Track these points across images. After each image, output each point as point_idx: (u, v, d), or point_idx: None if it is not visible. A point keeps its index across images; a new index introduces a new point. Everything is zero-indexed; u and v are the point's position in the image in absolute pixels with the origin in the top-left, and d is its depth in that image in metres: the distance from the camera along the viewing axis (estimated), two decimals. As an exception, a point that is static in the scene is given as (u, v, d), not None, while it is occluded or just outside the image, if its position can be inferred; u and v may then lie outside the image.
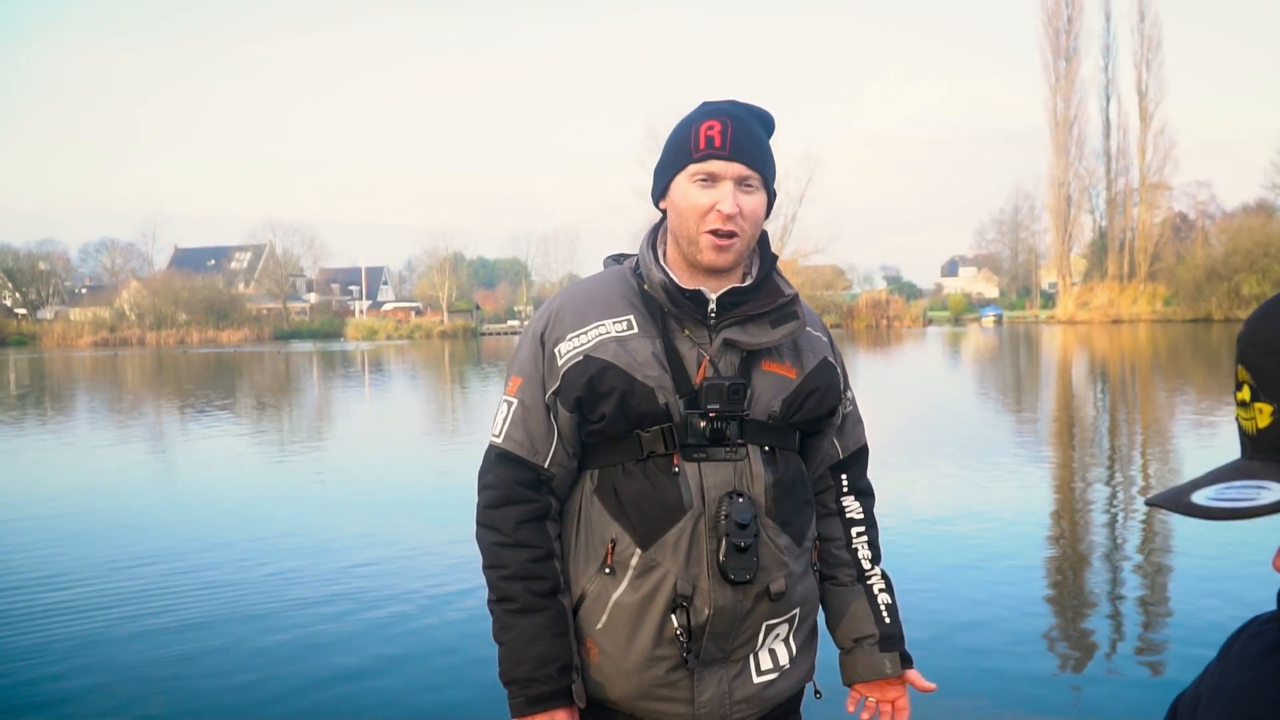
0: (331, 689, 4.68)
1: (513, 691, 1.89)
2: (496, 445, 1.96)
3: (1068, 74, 74.58)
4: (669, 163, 1.92)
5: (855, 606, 2.09)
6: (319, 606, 5.95)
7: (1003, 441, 13.15)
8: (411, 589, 6.20)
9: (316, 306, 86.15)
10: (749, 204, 1.87)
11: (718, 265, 1.88)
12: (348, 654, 5.14)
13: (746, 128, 1.89)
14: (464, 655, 5.00)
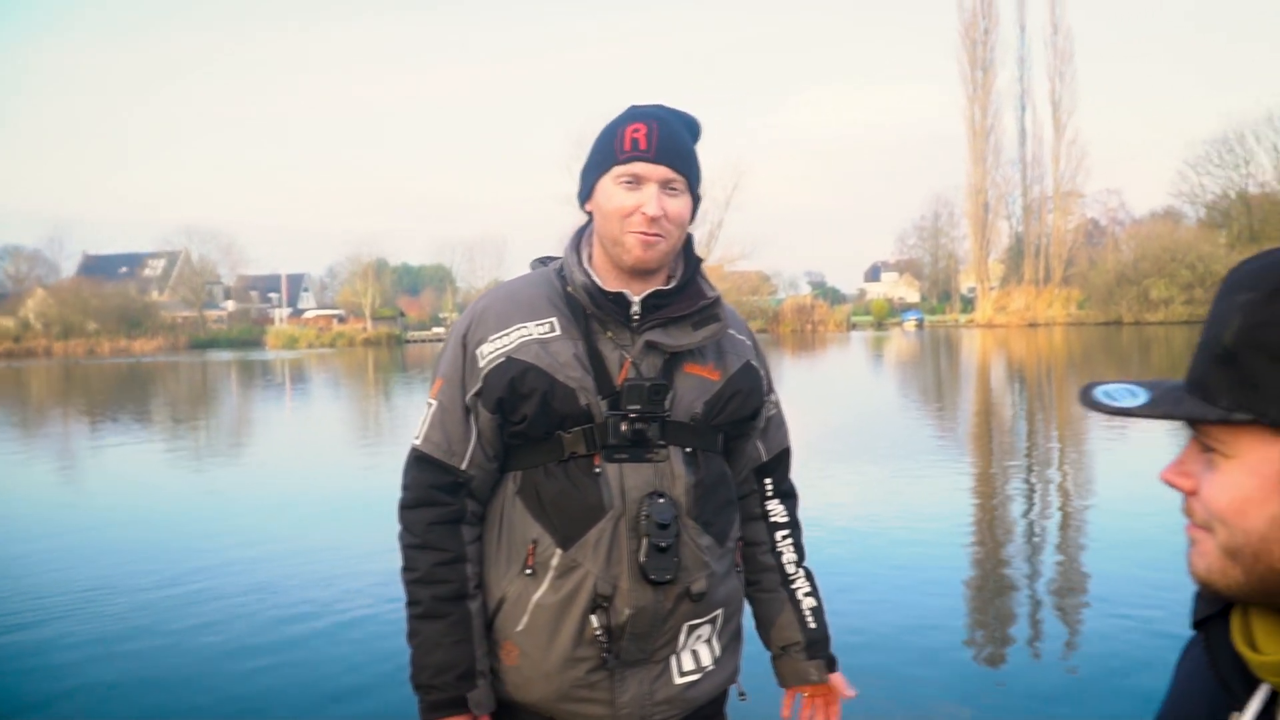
0: (257, 699, 4.57)
1: (418, 696, 1.90)
2: (416, 447, 1.95)
3: (984, 84, 76.30)
4: (594, 165, 1.92)
5: (780, 613, 2.11)
6: (236, 620, 5.81)
7: (925, 443, 13.36)
8: (329, 597, 6.11)
9: (235, 314, 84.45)
10: (674, 206, 1.88)
11: (644, 263, 1.88)
12: (267, 660, 5.02)
13: (672, 131, 1.89)
14: (396, 661, 4.93)
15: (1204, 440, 0.84)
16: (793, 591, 2.11)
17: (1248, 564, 0.81)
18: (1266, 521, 0.79)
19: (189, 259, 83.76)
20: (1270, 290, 0.78)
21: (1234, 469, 0.81)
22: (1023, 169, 78.40)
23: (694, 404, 1.92)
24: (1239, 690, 0.87)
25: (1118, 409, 0.85)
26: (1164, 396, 0.85)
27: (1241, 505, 0.81)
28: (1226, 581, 0.83)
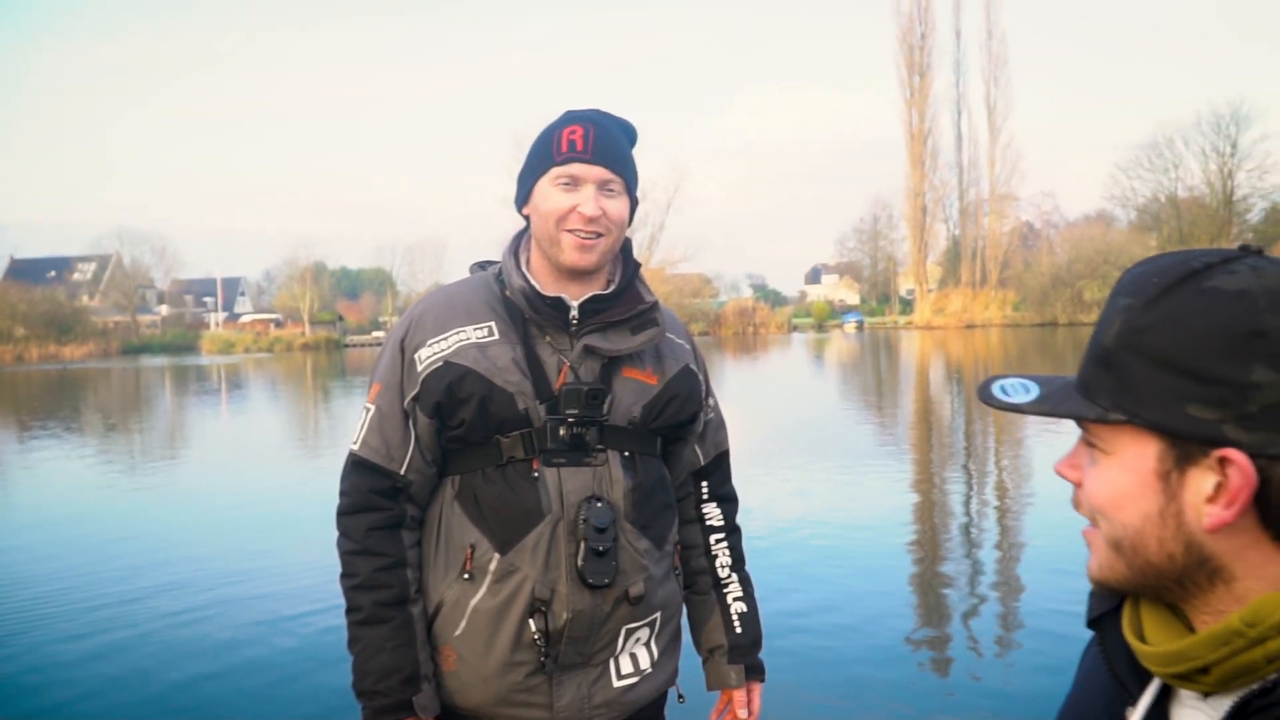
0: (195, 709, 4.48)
1: (362, 703, 1.89)
2: (354, 453, 1.94)
3: (921, 89, 77.46)
4: (532, 168, 1.92)
5: (709, 617, 2.12)
6: (181, 628, 5.69)
7: (866, 443, 13.50)
8: (268, 607, 6.00)
9: (169, 319, 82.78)
10: (612, 207, 1.88)
11: (580, 265, 1.88)
12: (209, 667, 4.93)
13: (609, 134, 1.90)
14: (337, 671, 4.86)
15: (1087, 437, 0.87)
16: (724, 595, 2.12)
17: (1128, 557, 0.85)
18: (1141, 516, 0.83)
19: (120, 262, 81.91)
20: (1149, 297, 0.81)
21: (1112, 465, 0.84)
22: (959, 172, 79.83)
23: (632, 408, 1.93)
24: (1132, 686, 0.90)
25: (1009, 405, 0.89)
26: (1053, 394, 0.88)
27: (1118, 500, 0.84)
28: (1115, 576, 0.87)
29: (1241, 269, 0.79)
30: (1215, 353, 0.76)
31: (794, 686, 4.59)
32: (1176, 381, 0.78)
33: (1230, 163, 73.23)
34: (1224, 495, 0.77)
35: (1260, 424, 0.75)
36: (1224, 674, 0.80)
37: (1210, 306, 0.78)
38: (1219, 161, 73.34)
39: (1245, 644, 0.79)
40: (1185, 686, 0.85)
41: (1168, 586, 0.84)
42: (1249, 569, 0.80)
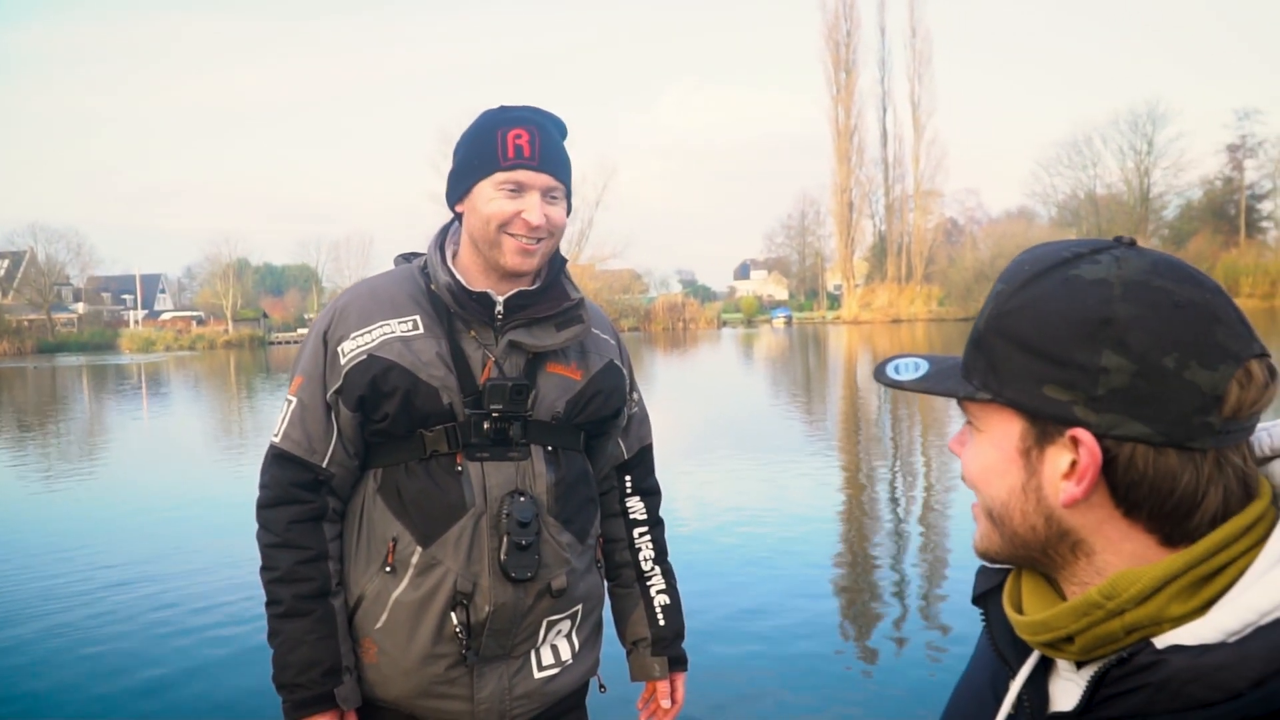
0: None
1: (282, 696, 1.88)
2: (275, 445, 1.93)
3: (847, 85, 78.54)
4: (473, 168, 1.90)
5: (633, 609, 2.15)
6: (99, 627, 5.56)
7: (794, 437, 13.66)
8: (193, 608, 5.91)
9: (85, 317, 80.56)
10: (554, 214, 1.90)
11: (522, 269, 1.89)
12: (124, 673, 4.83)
13: (551, 138, 1.90)
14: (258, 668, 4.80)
15: (966, 413, 0.92)
16: (647, 588, 2.15)
17: (1000, 527, 0.90)
18: (1006, 490, 0.87)
19: (35, 259, 79.33)
20: (1019, 283, 0.86)
21: (983, 441, 0.89)
22: (885, 169, 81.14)
23: (556, 403, 1.94)
24: (1012, 659, 0.95)
25: (897, 382, 0.93)
26: (937, 373, 0.93)
27: (987, 474, 0.89)
28: (993, 546, 0.92)
29: (1105, 259, 0.83)
30: (1069, 338, 0.81)
31: (728, 675, 4.64)
32: (1034, 363, 0.83)
33: (1146, 160, 75.43)
34: (1076, 473, 0.82)
35: (1107, 406, 0.80)
36: (1086, 643, 0.84)
37: (1069, 294, 0.82)
38: (1136, 159, 75.51)
39: (1104, 615, 0.83)
40: (1054, 655, 0.89)
41: (1036, 558, 0.89)
42: (1106, 543, 0.84)
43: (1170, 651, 0.78)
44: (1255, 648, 0.74)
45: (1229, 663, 0.75)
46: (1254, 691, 0.73)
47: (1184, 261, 0.84)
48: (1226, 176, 76.32)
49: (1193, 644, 0.77)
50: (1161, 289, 0.80)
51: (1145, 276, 0.81)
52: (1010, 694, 0.94)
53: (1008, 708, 0.93)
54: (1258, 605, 0.76)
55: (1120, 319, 0.79)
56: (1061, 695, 0.90)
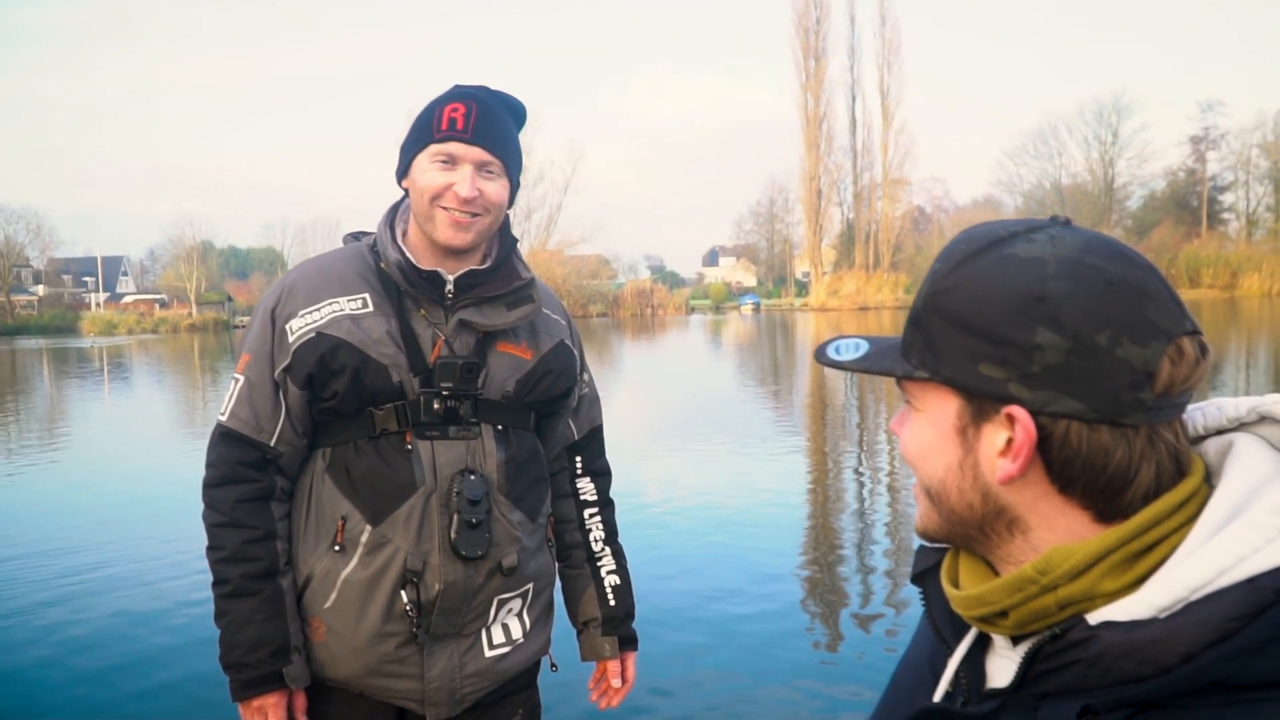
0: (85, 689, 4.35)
1: (229, 676, 1.87)
2: (221, 424, 1.91)
3: (817, 73, 78.62)
4: (412, 141, 1.91)
5: (584, 590, 2.16)
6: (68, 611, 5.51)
7: (762, 423, 13.71)
8: (156, 592, 5.86)
9: (46, 299, 79.33)
10: (490, 189, 1.88)
11: (454, 244, 1.88)
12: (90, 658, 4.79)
13: (492, 113, 1.88)
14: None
15: (905, 393, 0.92)
16: (597, 569, 2.16)
17: (938, 505, 0.90)
18: (944, 468, 0.88)
19: (-7, 240, 78.15)
20: (955, 262, 0.86)
21: (921, 420, 0.90)
22: (854, 156, 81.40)
23: (506, 382, 1.94)
24: (950, 637, 0.96)
25: (836, 362, 0.94)
26: (876, 353, 0.93)
27: (925, 452, 0.90)
28: (932, 525, 0.92)
29: (1040, 238, 0.84)
30: (1003, 315, 0.81)
31: (690, 657, 4.67)
32: (970, 341, 0.83)
33: (1111, 151, 76.18)
34: (1011, 450, 0.83)
35: (1041, 383, 0.80)
36: (1020, 618, 0.85)
37: (1004, 272, 0.83)
38: (1100, 150, 76.21)
39: (1037, 590, 0.83)
40: (989, 630, 0.90)
41: (973, 535, 0.90)
42: (1041, 520, 0.85)
43: (1103, 627, 0.78)
44: (1185, 623, 0.75)
45: (1160, 638, 0.75)
46: (1183, 666, 0.74)
47: (1117, 240, 0.85)
48: (1189, 168, 77.37)
49: (1125, 620, 0.78)
50: (1094, 266, 0.81)
51: (1079, 254, 0.82)
52: (948, 671, 0.95)
53: (945, 685, 0.94)
54: (1188, 581, 0.77)
55: (1054, 296, 0.80)
56: (998, 672, 0.91)
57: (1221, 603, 0.75)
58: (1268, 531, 0.77)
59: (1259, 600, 0.74)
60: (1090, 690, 0.78)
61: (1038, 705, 0.82)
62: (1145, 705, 0.76)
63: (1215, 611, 0.75)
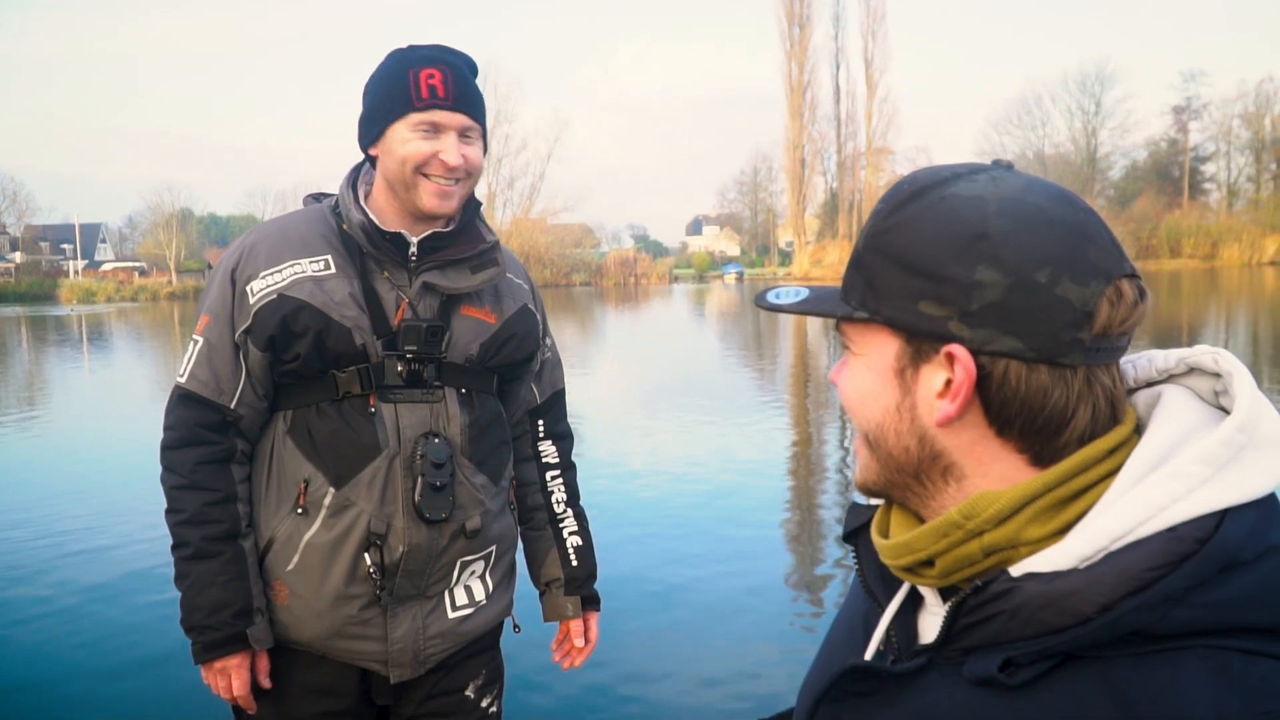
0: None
1: (191, 639, 1.86)
2: (180, 385, 1.90)
3: (801, 41, 78.19)
4: (386, 110, 1.86)
5: (546, 551, 2.17)
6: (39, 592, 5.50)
7: (743, 391, 13.75)
8: (126, 559, 5.85)
9: (23, 267, 78.33)
10: (472, 153, 1.88)
11: (440, 212, 1.87)
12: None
13: (464, 78, 1.87)
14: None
15: (842, 339, 0.91)
16: (559, 530, 2.17)
17: (875, 451, 0.90)
18: (881, 411, 0.87)
19: (-31, 206, 77.22)
20: (896, 203, 0.86)
21: (859, 364, 0.89)
22: (837, 125, 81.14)
23: (470, 346, 1.94)
24: (881, 595, 0.96)
25: (776, 306, 0.92)
26: (815, 298, 0.92)
27: (863, 396, 0.89)
28: (870, 475, 0.91)
29: (983, 179, 0.84)
30: (944, 253, 0.81)
31: (671, 626, 4.71)
32: (911, 280, 0.83)
33: (1094, 121, 76.19)
34: (950, 391, 0.82)
35: (981, 321, 0.80)
36: (946, 566, 0.85)
37: (945, 211, 0.82)
38: (1084, 119, 76.21)
39: (963, 536, 0.83)
40: (915, 580, 0.90)
41: (909, 484, 0.89)
42: (976, 465, 0.85)
43: (1024, 579, 0.78)
44: (1104, 572, 0.75)
45: (1078, 588, 0.75)
46: (1101, 616, 0.74)
47: (1058, 184, 0.85)
48: (1171, 138, 77.51)
49: (1046, 570, 0.78)
50: (1036, 205, 0.81)
51: (1020, 194, 0.82)
52: (879, 629, 0.94)
53: (876, 643, 0.94)
54: (1109, 530, 0.76)
55: (994, 233, 0.80)
56: (929, 629, 0.90)
57: (1141, 552, 0.75)
58: (1190, 481, 0.77)
59: (1179, 549, 0.74)
60: (1011, 642, 0.78)
61: (963, 660, 0.82)
62: (1067, 657, 0.76)
63: (1135, 561, 0.75)
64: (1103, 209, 71.83)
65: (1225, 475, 0.77)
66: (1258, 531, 0.76)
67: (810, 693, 0.96)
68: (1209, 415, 0.84)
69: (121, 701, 4.06)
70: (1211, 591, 0.74)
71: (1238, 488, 0.76)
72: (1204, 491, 0.76)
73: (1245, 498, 0.76)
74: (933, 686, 0.84)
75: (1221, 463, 0.77)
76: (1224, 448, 0.77)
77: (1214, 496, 0.76)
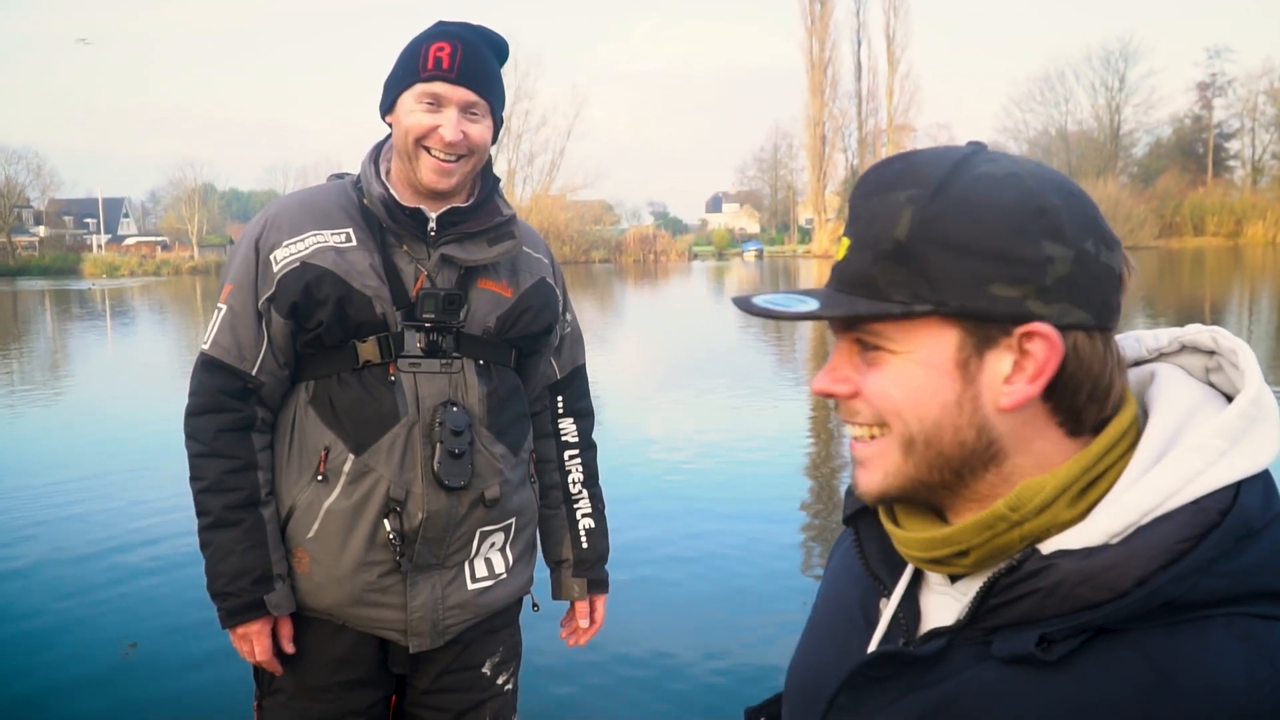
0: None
1: (216, 605, 1.90)
2: (204, 352, 1.92)
3: (822, 17, 77.51)
4: (398, 79, 1.90)
5: (558, 530, 2.19)
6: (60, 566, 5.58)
7: (764, 368, 13.74)
8: (154, 537, 5.94)
9: (47, 241, 78.78)
10: (474, 131, 1.88)
11: (438, 188, 1.89)
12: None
13: (477, 53, 1.87)
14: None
15: (867, 339, 0.86)
16: (573, 510, 2.19)
17: (920, 453, 0.85)
18: (939, 408, 0.83)
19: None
20: (935, 186, 0.82)
21: (905, 363, 0.84)
22: (858, 102, 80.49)
23: (487, 318, 1.96)
24: (886, 577, 0.96)
25: (776, 313, 0.86)
26: (830, 300, 0.87)
27: (917, 395, 0.84)
28: (901, 481, 0.87)
29: (998, 156, 0.84)
30: (1010, 232, 0.80)
31: (689, 600, 4.75)
32: (978, 264, 0.80)
33: (1118, 97, 75.34)
34: (1025, 371, 0.81)
35: (1056, 296, 0.80)
36: (981, 556, 0.85)
37: (993, 190, 0.81)
38: (1107, 96, 75.37)
39: (1006, 527, 0.83)
40: (943, 570, 0.89)
41: (947, 482, 0.86)
42: (1020, 445, 0.84)
43: (1058, 555, 0.79)
44: (1138, 546, 0.77)
45: (1115, 562, 0.77)
46: (1138, 589, 0.75)
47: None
48: (1196, 115, 76.60)
49: (1079, 547, 0.79)
50: (1059, 179, 0.83)
51: (1039, 169, 0.83)
52: (887, 612, 0.94)
53: (884, 625, 0.93)
54: (1139, 505, 0.78)
55: (1050, 208, 0.80)
56: (935, 609, 0.90)
57: (1170, 525, 0.77)
58: (1209, 454, 0.79)
59: (1204, 521, 0.76)
60: (1047, 619, 0.78)
61: (989, 640, 0.82)
62: (1099, 631, 0.77)
63: (1165, 534, 0.76)
64: (1126, 186, 71.19)
65: (1240, 448, 0.79)
66: (1266, 501, 0.79)
67: (819, 680, 0.96)
68: (1206, 392, 0.86)
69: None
70: (1233, 560, 0.76)
71: (1250, 459, 0.79)
72: (1222, 464, 0.79)
73: (1256, 469, 0.79)
74: (960, 668, 0.83)
75: (1237, 436, 0.79)
76: (1240, 420, 0.80)
77: (1231, 469, 0.78)
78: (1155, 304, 20.91)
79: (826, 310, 0.85)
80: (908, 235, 0.82)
